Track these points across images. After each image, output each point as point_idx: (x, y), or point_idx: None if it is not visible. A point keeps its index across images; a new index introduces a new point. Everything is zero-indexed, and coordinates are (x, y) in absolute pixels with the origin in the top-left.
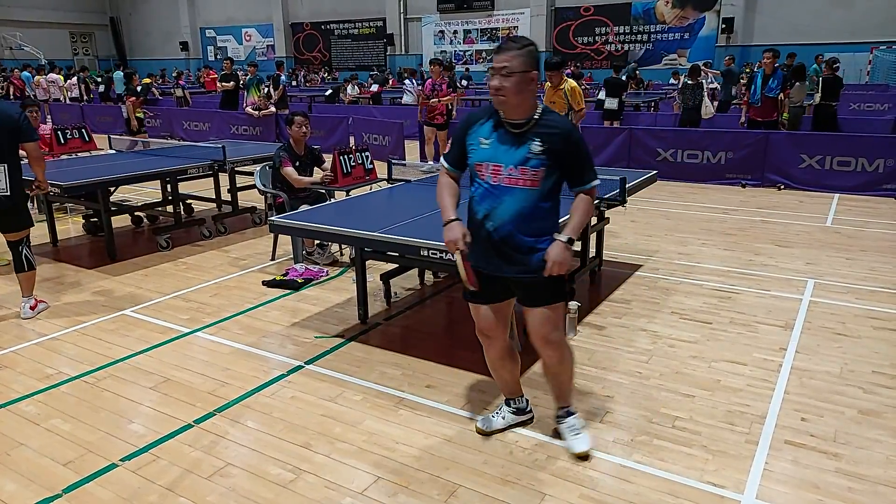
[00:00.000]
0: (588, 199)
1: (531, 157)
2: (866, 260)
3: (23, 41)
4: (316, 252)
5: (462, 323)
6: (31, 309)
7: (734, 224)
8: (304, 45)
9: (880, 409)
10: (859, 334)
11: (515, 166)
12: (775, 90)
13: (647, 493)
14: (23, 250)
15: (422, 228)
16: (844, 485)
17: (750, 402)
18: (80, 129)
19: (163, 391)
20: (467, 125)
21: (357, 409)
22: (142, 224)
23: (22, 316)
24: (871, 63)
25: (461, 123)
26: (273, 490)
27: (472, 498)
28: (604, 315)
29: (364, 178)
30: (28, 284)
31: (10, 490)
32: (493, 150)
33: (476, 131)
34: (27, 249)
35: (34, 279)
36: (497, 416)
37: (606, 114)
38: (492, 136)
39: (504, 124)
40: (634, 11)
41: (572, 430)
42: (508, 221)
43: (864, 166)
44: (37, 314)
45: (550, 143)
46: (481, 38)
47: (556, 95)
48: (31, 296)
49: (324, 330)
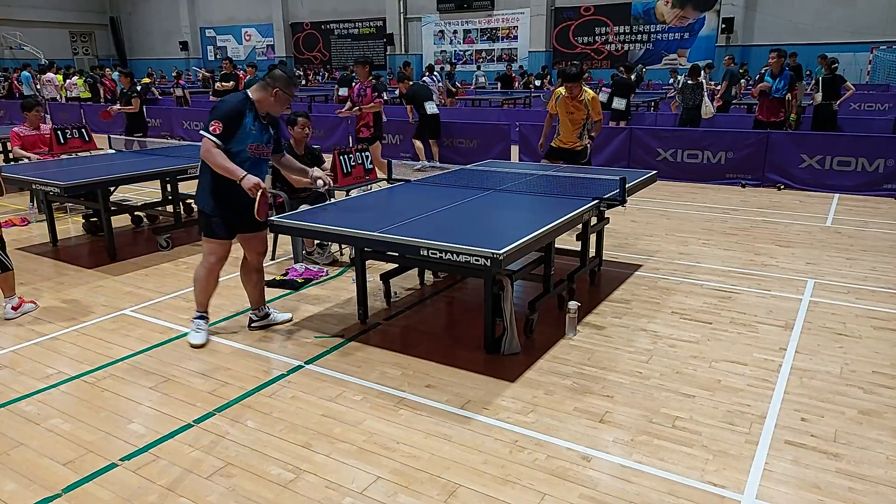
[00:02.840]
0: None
1: (270, 137)
2: (866, 260)
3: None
4: (316, 252)
5: (462, 323)
6: (13, 310)
7: (734, 224)
8: (304, 44)
9: (881, 409)
10: (860, 334)
11: (266, 143)
12: (782, 90)
13: (647, 493)
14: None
15: (422, 228)
16: (845, 485)
17: (750, 402)
18: (80, 129)
19: (163, 391)
20: (240, 115)
21: (357, 409)
22: (142, 224)
23: (4, 317)
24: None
25: (234, 112)
26: (273, 490)
27: (472, 498)
28: (604, 315)
29: (364, 178)
30: (6, 286)
31: (9, 490)
32: (258, 135)
33: (246, 120)
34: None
35: (11, 280)
36: (202, 332)
37: (614, 114)
38: (254, 124)
39: (260, 116)
40: (634, 11)
41: (277, 311)
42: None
43: (864, 166)
44: (20, 315)
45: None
46: (481, 38)
47: (573, 106)
48: (13, 296)
49: (324, 330)
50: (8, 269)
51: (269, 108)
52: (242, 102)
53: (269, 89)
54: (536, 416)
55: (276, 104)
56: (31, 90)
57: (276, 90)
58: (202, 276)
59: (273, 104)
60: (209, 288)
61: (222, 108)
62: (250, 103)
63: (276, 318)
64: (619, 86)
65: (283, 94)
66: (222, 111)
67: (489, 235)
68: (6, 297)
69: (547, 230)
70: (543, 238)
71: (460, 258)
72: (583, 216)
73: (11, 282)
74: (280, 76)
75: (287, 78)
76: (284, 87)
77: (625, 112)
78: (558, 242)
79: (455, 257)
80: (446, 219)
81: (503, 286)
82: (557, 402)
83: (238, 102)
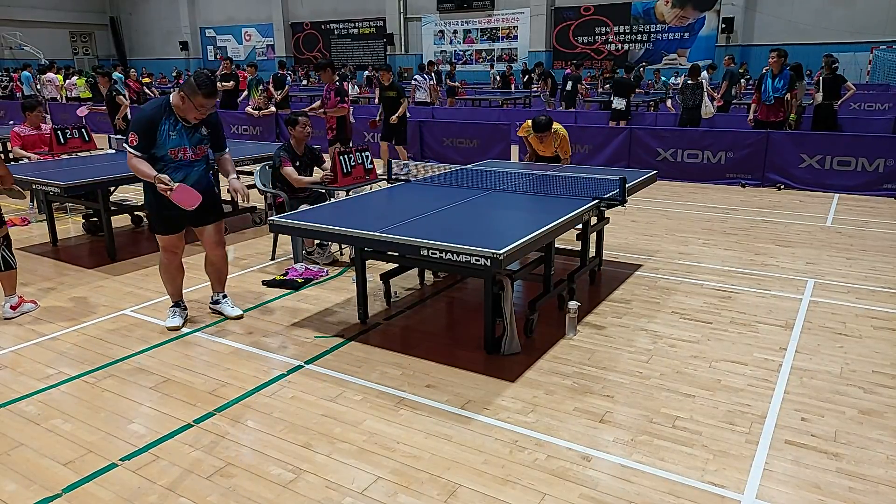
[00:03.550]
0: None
1: (203, 138)
2: (867, 260)
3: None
4: (316, 252)
5: (462, 323)
6: (11, 309)
7: (734, 224)
8: (304, 44)
9: (881, 408)
10: (860, 334)
11: (194, 146)
12: (782, 90)
13: (647, 493)
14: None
15: (422, 228)
16: (845, 485)
17: (750, 401)
18: (80, 129)
19: (163, 391)
20: (153, 122)
21: (357, 409)
22: (142, 224)
23: (3, 316)
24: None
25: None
26: (273, 490)
27: (473, 498)
28: (604, 315)
29: (364, 178)
30: (8, 284)
31: (10, 490)
32: (179, 139)
33: (162, 127)
34: (5, 250)
35: (14, 278)
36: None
37: (614, 114)
38: (174, 129)
39: (183, 120)
40: (634, 11)
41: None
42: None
43: (864, 166)
44: (19, 314)
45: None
46: (481, 38)
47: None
48: (14, 295)
49: (324, 330)
50: (11, 268)
51: (184, 113)
52: (157, 110)
53: (180, 95)
54: (536, 416)
55: (188, 110)
56: (31, 90)
57: (181, 95)
58: (161, 269)
59: (185, 110)
60: (172, 279)
61: (135, 120)
62: (168, 110)
63: (225, 309)
64: (619, 85)
65: (189, 100)
66: (135, 123)
67: (489, 235)
68: (6, 295)
69: (547, 230)
70: (543, 238)
71: (460, 258)
72: (583, 216)
73: (13, 280)
74: (187, 83)
75: (193, 85)
76: (190, 94)
77: (625, 112)
78: (558, 242)
79: (455, 257)
80: (446, 219)
81: (503, 286)
82: (558, 402)
83: (151, 111)
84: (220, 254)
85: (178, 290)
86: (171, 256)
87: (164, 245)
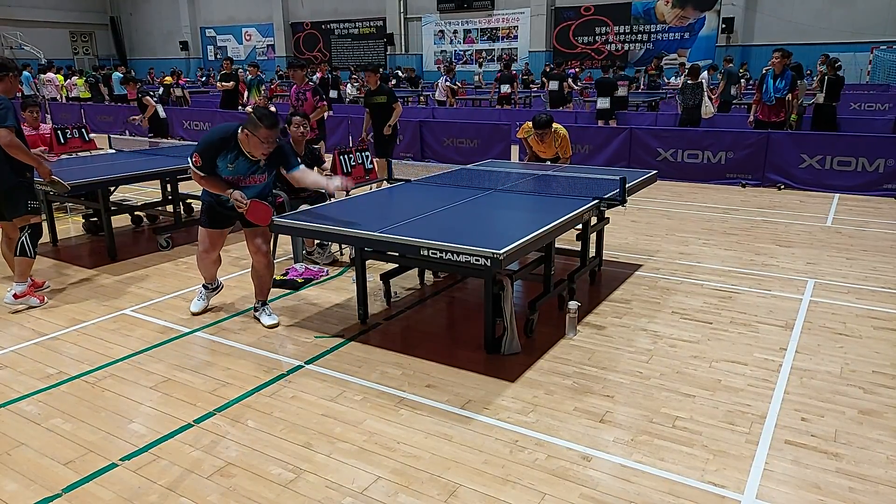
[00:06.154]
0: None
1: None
2: (867, 260)
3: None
4: (316, 252)
5: (462, 323)
6: (13, 297)
7: (735, 224)
8: (305, 44)
9: (881, 408)
10: (860, 334)
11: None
12: (783, 90)
13: (647, 493)
14: (22, 237)
15: (422, 228)
16: (845, 485)
17: (750, 401)
18: (80, 129)
19: (163, 391)
20: (217, 150)
21: (357, 409)
22: (142, 224)
23: (3, 301)
24: (872, 63)
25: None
26: (274, 490)
27: (473, 497)
28: (604, 315)
29: (364, 178)
30: (20, 269)
31: (10, 490)
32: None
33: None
34: (27, 238)
35: (27, 266)
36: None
37: (599, 113)
38: (237, 160)
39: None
40: (634, 11)
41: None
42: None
43: (864, 166)
44: (18, 304)
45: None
46: (481, 38)
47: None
48: (22, 282)
49: (324, 330)
50: (27, 255)
51: (249, 148)
52: (225, 140)
53: (245, 132)
54: (537, 416)
55: (254, 146)
56: (31, 90)
57: (245, 132)
58: (197, 260)
59: (251, 146)
60: (207, 269)
61: (203, 143)
62: (234, 142)
63: (261, 317)
64: (602, 85)
65: (253, 135)
66: (202, 145)
67: (489, 235)
68: (16, 281)
69: (547, 230)
70: (543, 238)
71: (460, 258)
72: (583, 216)
73: (25, 267)
74: (249, 120)
75: (254, 120)
76: (252, 130)
77: (609, 111)
78: (558, 242)
79: (455, 257)
80: (446, 219)
81: (503, 286)
82: (558, 401)
83: (220, 139)
84: (262, 261)
85: (213, 276)
86: (209, 250)
87: (203, 237)
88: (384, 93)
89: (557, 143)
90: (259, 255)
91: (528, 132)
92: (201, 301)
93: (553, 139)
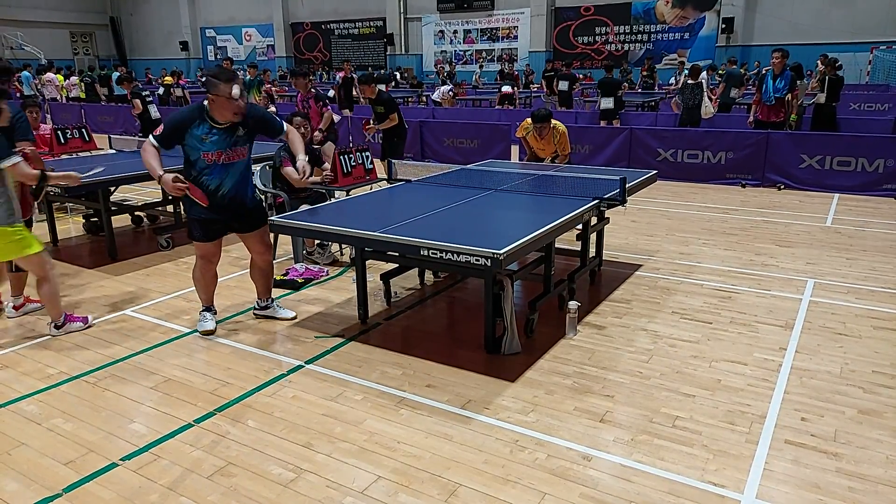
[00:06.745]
0: None
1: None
2: (866, 260)
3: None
4: (316, 252)
5: (462, 323)
6: (14, 309)
7: (735, 224)
8: (305, 44)
9: (881, 408)
10: (859, 334)
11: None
12: (783, 90)
13: (647, 493)
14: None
15: (422, 228)
16: (845, 484)
17: (750, 401)
18: (80, 129)
19: (164, 391)
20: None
21: (358, 409)
22: (142, 224)
23: (6, 315)
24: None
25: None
26: (274, 490)
27: (473, 497)
28: (604, 315)
29: (364, 178)
30: (17, 284)
31: (11, 489)
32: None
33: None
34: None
35: (23, 280)
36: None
37: (603, 114)
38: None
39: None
40: (634, 11)
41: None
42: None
43: (864, 166)
44: (21, 314)
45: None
46: (481, 38)
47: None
48: (19, 295)
49: (324, 330)
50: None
51: (219, 114)
52: (190, 113)
53: (208, 97)
54: (537, 416)
55: (222, 108)
56: (31, 90)
57: (209, 97)
58: (195, 276)
59: (219, 109)
60: (206, 287)
61: (169, 117)
62: (201, 114)
63: (277, 312)
64: (604, 85)
65: (216, 97)
66: (167, 119)
67: (489, 235)
68: (12, 294)
69: (547, 230)
70: (543, 238)
71: (461, 258)
72: (583, 216)
73: (22, 282)
74: (206, 82)
75: (210, 80)
76: (212, 90)
77: (613, 111)
78: (558, 242)
79: (455, 257)
80: (446, 219)
81: (504, 286)
82: (558, 401)
83: (185, 113)
84: (267, 260)
85: (211, 296)
86: (207, 266)
87: (200, 253)
88: (382, 102)
89: (556, 140)
90: (263, 254)
91: (527, 129)
92: (208, 322)
93: (552, 135)
